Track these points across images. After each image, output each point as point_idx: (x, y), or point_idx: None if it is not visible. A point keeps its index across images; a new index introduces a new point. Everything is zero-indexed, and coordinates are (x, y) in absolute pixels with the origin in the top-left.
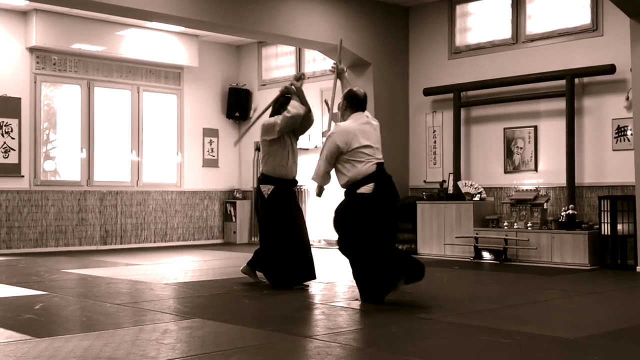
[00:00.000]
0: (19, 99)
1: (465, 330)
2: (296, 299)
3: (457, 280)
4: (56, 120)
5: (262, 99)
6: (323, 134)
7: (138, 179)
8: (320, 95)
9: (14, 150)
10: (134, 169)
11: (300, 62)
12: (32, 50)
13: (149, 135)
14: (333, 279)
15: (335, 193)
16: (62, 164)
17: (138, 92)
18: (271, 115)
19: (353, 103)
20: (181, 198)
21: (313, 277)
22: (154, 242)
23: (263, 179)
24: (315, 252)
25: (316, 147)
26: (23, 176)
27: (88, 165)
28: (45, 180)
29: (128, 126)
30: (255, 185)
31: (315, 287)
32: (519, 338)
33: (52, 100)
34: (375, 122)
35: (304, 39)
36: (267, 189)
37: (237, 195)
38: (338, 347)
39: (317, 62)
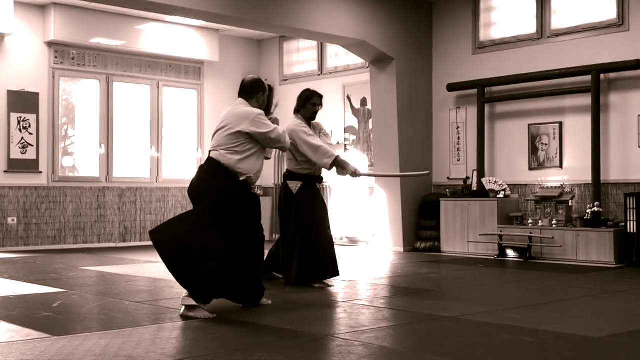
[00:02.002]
0: (37, 94)
1: (489, 329)
2: (318, 297)
3: (480, 278)
4: (75, 115)
5: (284, 94)
6: (345, 130)
7: (158, 175)
8: (342, 91)
9: (31, 145)
10: (153, 165)
11: (322, 57)
12: (50, 44)
13: (169, 131)
14: (355, 276)
15: (358, 191)
16: (81, 159)
17: (158, 87)
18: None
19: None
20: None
21: (336, 273)
22: None
23: (290, 175)
24: (337, 250)
25: (338, 143)
26: (41, 172)
27: (107, 161)
28: (64, 177)
29: (147, 122)
30: (278, 182)
31: (337, 285)
32: (544, 337)
33: (71, 95)
34: (232, 108)
35: (327, 34)
36: (295, 185)
37: (258, 192)
38: (360, 346)
39: (340, 56)
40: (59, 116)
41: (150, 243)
